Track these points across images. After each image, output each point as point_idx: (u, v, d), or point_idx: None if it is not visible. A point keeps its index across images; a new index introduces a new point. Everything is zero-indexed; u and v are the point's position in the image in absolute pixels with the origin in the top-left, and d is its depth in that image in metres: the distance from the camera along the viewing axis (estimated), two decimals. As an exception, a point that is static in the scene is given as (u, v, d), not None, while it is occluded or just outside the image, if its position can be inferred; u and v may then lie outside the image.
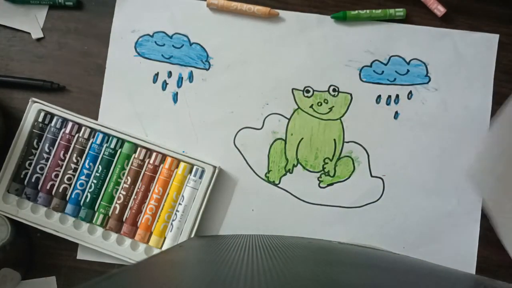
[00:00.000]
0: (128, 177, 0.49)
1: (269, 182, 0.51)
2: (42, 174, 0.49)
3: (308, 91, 0.52)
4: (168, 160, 0.49)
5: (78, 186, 0.49)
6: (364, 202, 0.51)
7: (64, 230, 0.48)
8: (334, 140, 0.52)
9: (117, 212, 0.49)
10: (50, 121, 0.49)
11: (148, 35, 0.52)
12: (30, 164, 0.49)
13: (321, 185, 0.51)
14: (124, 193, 0.49)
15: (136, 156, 0.49)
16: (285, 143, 0.52)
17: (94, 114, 0.51)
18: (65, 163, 0.49)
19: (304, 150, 0.51)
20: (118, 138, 0.49)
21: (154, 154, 0.49)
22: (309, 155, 0.51)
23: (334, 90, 0.52)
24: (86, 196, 0.49)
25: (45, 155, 0.49)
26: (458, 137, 0.52)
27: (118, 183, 0.49)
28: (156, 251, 0.49)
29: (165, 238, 0.49)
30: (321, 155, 0.51)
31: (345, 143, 0.52)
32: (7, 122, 0.50)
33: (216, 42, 0.52)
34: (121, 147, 0.50)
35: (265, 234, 0.50)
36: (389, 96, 0.52)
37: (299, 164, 0.51)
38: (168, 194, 0.49)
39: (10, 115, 0.51)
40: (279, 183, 0.51)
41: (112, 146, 0.49)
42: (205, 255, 0.34)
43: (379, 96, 0.52)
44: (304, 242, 0.43)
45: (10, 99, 0.51)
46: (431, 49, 0.52)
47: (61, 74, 0.52)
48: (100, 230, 0.49)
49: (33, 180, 0.49)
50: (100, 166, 0.49)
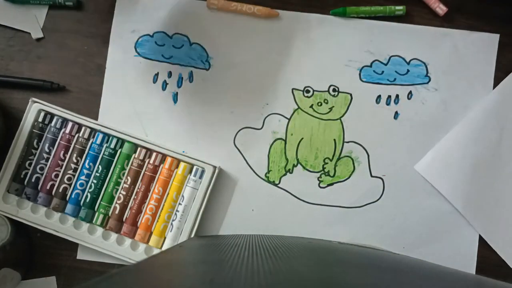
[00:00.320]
0: (128, 177, 0.49)
1: (269, 182, 0.51)
2: (42, 174, 0.49)
3: (308, 91, 0.52)
4: (168, 160, 0.49)
5: (78, 186, 0.49)
6: (364, 202, 0.51)
7: (64, 230, 0.48)
8: (334, 140, 0.52)
9: (117, 212, 0.49)
10: (50, 121, 0.49)
11: (148, 35, 0.52)
12: (30, 164, 0.49)
13: (321, 185, 0.51)
14: (124, 193, 0.49)
15: (136, 156, 0.49)
16: (285, 143, 0.52)
17: (94, 114, 0.51)
18: (65, 163, 0.49)
19: (304, 150, 0.51)
20: (118, 138, 0.49)
21: (154, 154, 0.49)
22: (309, 155, 0.51)
23: (334, 90, 0.52)
24: (86, 196, 0.49)
25: (45, 155, 0.49)
26: (458, 137, 0.52)
27: (118, 183, 0.49)
28: (156, 251, 0.49)
29: (165, 238, 0.49)
30: (321, 155, 0.51)
31: (345, 143, 0.52)
32: (7, 122, 0.50)
33: (216, 42, 0.52)
34: (121, 147, 0.50)
35: (265, 234, 0.50)
36: (389, 96, 0.52)
37: (299, 164, 0.51)
38: (168, 194, 0.49)
39: (10, 115, 0.51)
40: (279, 183, 0.51)
41: (112, 146, 0.49)
42: (205, 255, 0.34)
43: (379, 96, 0.52)
44: (304, 242, 0.43)
45: (10, 99, 0.51)
46: (431, 49, 0.52)
47: (61, 74, 0.52)
48: (100, 230, 0.49)
49: (33, 180, 0.49)
50: (100, 166, 0.49)
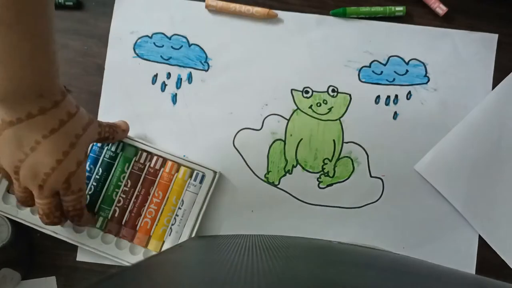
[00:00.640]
0: (128, 180, 0.49)
1: (268, 183, 0.51)
2: (41, 176, 0.49)
3: (307, 92, 0.52)
4: (169, 164, 0.49)
5: (77, 188, 0.49)
6: (363, 203, 0.51)
7: (63, 232, 0.48)
8: (334, 140, 0.52)
9: (116, 215, 0.49)
10: (50, 123, 0.49)
11: (147, 36, 0.52)
12: (29, 166, 0.49)
13: (320, 185, 0.51)
14: (124, 196, 0.49)
15: (136, 160, 0.49)
16: (285, 143, 0.52)
17: (93, 114, 0.51)
18: (64, 165, 0.49)
19: (303, 151, 0.51)
20: (119, 141, 0.49)
21: (154, 158, 0.49)
22: (309, 155, 0.51)
23: (333, 91, 0.52)
24: (86, 198, 0.49)
25: (45, 157, 0.49)
26: (457, 137, 0.52)
27: (118, 186, 0.49)
28: (155, 252, 0.49)
29: (164, 242, 0.49)
30: (321, 156, 0.51)
31: (344, 144, 0.52)
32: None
33: (215, 43, 0.52)
34: (122, 150, 0.49)
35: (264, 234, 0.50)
36: (388, 97, 0.52)
37: (298, 165, 0.51)
38: (168, 198, 0.49)
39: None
40: (279, 183, 0.51)
41: (113, 149, 0.49)
42: (205, 255, 0.34)
43: (378, 97, 0.52)
44: (304, 242, 0.43)
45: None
46: (430, 49, 0.52)
47: (61, 74, 0.51)
48: (99, 233, 0.49)
49: (32, 181, 0.49)
50: (100, 169, 0.49)
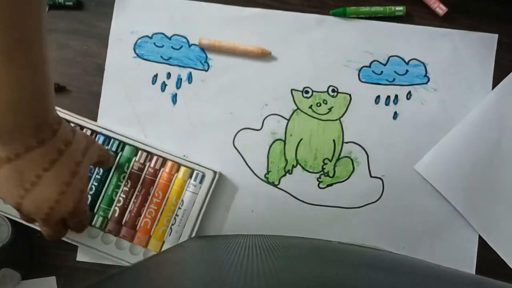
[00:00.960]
0: (129, 180, 0.49)
1: (268, 183, 0.51)
2: (41, 176, 0.49)
3: (307, 92, 0.52)
4: (169, 164, 0.49)
5: (77, 187, 0.49)
6: (363, 203, 0.51)
7: (63, 231, 0.48)
8: (334, 140, 0.52)
9: (116, 215, 0.49)
10: (50, 122, 0.49)
11: (147, 36, 0.52)
12: (29, 165, 0.49)
13: (320, 185, 0.51)
14: (124, 196, 0.49)
15: (136, 160, 0.49)
16: (285, 143, 0.52)
17: (93, 114, 0.51)
18: (64, 164, 0.49)
19: (303, 151, 0.51)
20: (120, 141, 0.49)
21: (154, 158, 0.49)
22: (309, 155, 0.51)
23: (333, 91, 0.52)
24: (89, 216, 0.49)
25: (45, 156, 0.49)
26: (457, 137, 0.52)
27: (118, 186, 0.49)
28: (155, 252, 0.49)
29: (164, 242, 0.49)
30: (321, 156, 0.51)
31: (344, 144, 0.52)
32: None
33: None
34: (122, 150, 0.49)
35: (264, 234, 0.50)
36: (388, 97, 0.52)
37: (298, 165, 0.51)
38: (168, 198, 0.49)
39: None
40: (279, 183, 0.51)
41: (113, 149, 0.49)
42: (205, 255, 0.34)
43: (378, 97, 0.52)
44: (304, 242, 0.43)
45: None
46: (430, 49, 0.52)
47: (61, 74, 0.52)
48: (99, 233, 0.49)
49: (32, 181, 0.49)
50: (100, 169, 0.49)
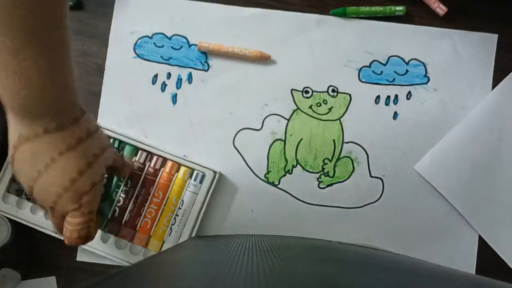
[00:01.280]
0: (129, 180, 0.49)
1: (268, 183, 0.51)
2: (41, 176, 0.49)
3: (307, 92, 0.52)
4: (169, 164, 0.49)
5: (77, 188, 0.49)
6: (363, 203, 0.51)
7: (63, 231, 0.48)
8: (334, 140, 0.52)
9: (116, 215, 0.49)
10: (50, 123, 0.49)
11: (147, 36, 0.52)
12: (29, 166, 0.49)
13: (320, 185, 0.51)
14: (124, 196, 0.49)
15: (136, 159, 0.49)
16: (285, 143, 0.52)
17: (93, 114, 0.51)
18: (64, 165, 0.49)
19: (303, 151, 0.51)
20: (120, 141, 0.49)
21: (154, 158, 0.49)
22: (309, 155, 0.51)
23: (333, 91, 0.52)
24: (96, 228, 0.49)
25: (45, 157, 0.49)
26: (457, 137, 0.52)
27: (118, 186, 0.49)
28: (155, 252, 0.49)
29: (164, 242, 0.49)
30: (321, 156, 0.51)
31: (344, 144, 0.52)
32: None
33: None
34: (122, 150, 0.49)
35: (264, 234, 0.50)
36: (388, 97, 0.52)
37: (298, 165, 0.51)
38: (168, 198, 0.49)
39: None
40: (279, 183, 0.51)
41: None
42: (205, 255, 0.34)
43: (378, 97, 0.52)
44: (304, 242, 0.43)
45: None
46: (430, 49, 0.52)
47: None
48: (99, 232, 0.49)
49: (32, 181, 0.49)
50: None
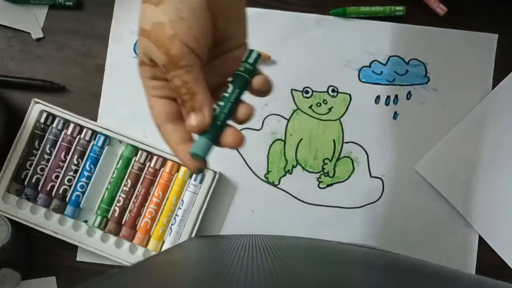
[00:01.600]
0: (128, 180, 0.49)
1: (268, 183, 0.51)
2: (42, 175, 0.49)
3: (307, 92, 0.52)
4: (169, 164, 0.49)
5: (78, 188, 0.49)
6: (363, 203, 0.51)
7: (63, 231, 0.48)
8: (334, 140, 0.52)
9: (116, 214, 0.49)
10: (52, 122, 0.49)
11: (148, 35, 0.52)
12: (31, 165, 0.49)
13: (320, 185, 0.51)
14: (124, 196, 0.49)
15: (136, 159, 0.49)
16: (285, 143, 0.52)
17: (94, 114, 0.51)
18: (65, 165, 0.49)
19: (303, 151, 0.52)
20: (120, 141, 0.49)
21: (154, 158, 0.49)
22: (309, 155, 0.52)
23: (333, 91, 0.52)
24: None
25: (46, 156, 0.49)
26: (457, 137, 0.52)
27: (118, 186, 0.49)
28: (155, 252, 0.49)
29: (163, 242, 0.49)
30: (321, 156, 0.52)
31: (344, 144, 0.52)
32: (8, 121, 0.50)
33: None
34: (121, 149, 0.49)
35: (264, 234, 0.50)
36: (388, 97, 0.52)
37: (298, 165, 0.52)
38: (168, 198, 0.49)
39: (10, 115, 0.51)
40: (279, 183, 0.51)
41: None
42: (205, 255, 0.34)
43: (378, 97, 0.52)
44: (304, 242, 0.43)
45: (9, 99, 0.51)
46: (430, 49, 0.52)
47: (61, 74, 0.52)
48: (99, 232, 0.49)
49: (33, 180, 0.49)
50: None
